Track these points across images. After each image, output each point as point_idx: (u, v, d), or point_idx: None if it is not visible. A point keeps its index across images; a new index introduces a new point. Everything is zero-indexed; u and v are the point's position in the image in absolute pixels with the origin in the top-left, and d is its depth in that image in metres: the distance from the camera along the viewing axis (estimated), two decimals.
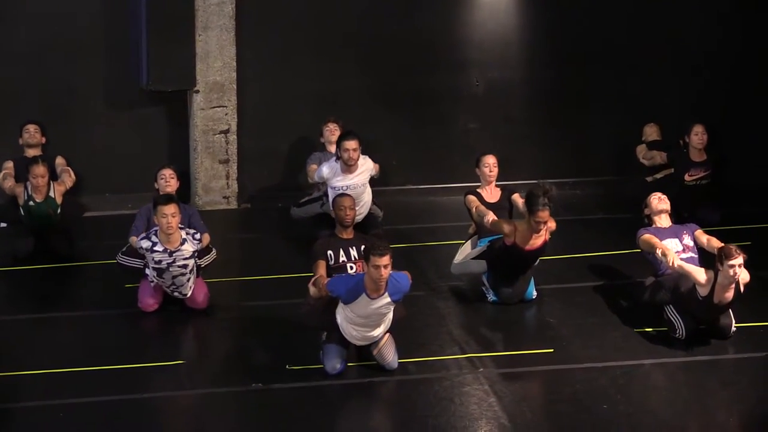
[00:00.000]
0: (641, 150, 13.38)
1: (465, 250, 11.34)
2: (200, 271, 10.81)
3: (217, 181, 13.82)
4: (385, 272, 9.16)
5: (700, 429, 9.09)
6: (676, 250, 10.47)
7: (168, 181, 11.43)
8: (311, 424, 8.98)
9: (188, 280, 10.60)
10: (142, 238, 10.50)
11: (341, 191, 11.68)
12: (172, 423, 9.22)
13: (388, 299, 9.35)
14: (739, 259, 9.76)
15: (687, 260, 10.35)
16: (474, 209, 11.26)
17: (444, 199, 13.91)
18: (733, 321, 10.25)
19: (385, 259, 9.13)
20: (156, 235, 10.47)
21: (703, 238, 10.61)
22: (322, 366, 9.61)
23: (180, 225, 10.50)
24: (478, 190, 11.51)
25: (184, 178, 13.36)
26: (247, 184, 14.00)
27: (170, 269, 10.47)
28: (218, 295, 11.02)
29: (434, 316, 10.84)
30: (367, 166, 12.14)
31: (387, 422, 9.35)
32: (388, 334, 9.68)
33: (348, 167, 11.99)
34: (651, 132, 13.67)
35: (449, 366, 9.85)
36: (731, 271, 9.74)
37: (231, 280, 11.63)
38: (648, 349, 10.14)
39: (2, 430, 8.76)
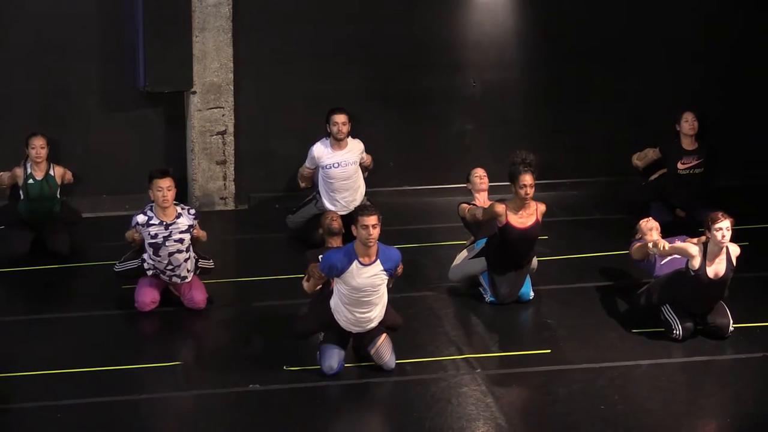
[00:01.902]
0: (635, 156, 13.35)
1: (462, 256, 11.36)
2: (198, 269, 10.82)
3: (215, 182, 13.81)
4: (374, 232, 9.25)
5: (697, 429, 9.11)
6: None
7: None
8: (308, 424, 8.98)
9: (185, 261, 10.59)
10: (137, 215, 10.52)
11: (332, 167, 12.16)
12: (169, 424, 9.22)
13: (380, 267, 9.39)
14: (726, 222, 9.81)
15: (679, 262, 10.37)
16: (467, 211, 11.30)
17: (441, 200, 13.88)
18: (731, 321, 10.26)
19: (373, 219, 9.25)
20: (151, 210, 10.49)
21: (694, 240, 10.62)
22: (319, 367, 9.62)
23: (175, 201, 10.51)
24: (471, 202, 11.55)
25: (181, 181, 13.36)
26: (245, 185, 13.98)
27: (166, 244, 10.46)
28: (216, 296, 11.03)
29: (431, 316, 10.84)
30: (357, 147, 12.39)
31: (384, 423, 9.35)
32: (385, 334, 9.69)
33: (337, 142, 12.18)
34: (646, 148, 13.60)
35: (446, 367, 9.86)
36: (719, 235, 9.79)
37: (228, 281, 11.62)
38: (645, 350, 10.14)
39: None
